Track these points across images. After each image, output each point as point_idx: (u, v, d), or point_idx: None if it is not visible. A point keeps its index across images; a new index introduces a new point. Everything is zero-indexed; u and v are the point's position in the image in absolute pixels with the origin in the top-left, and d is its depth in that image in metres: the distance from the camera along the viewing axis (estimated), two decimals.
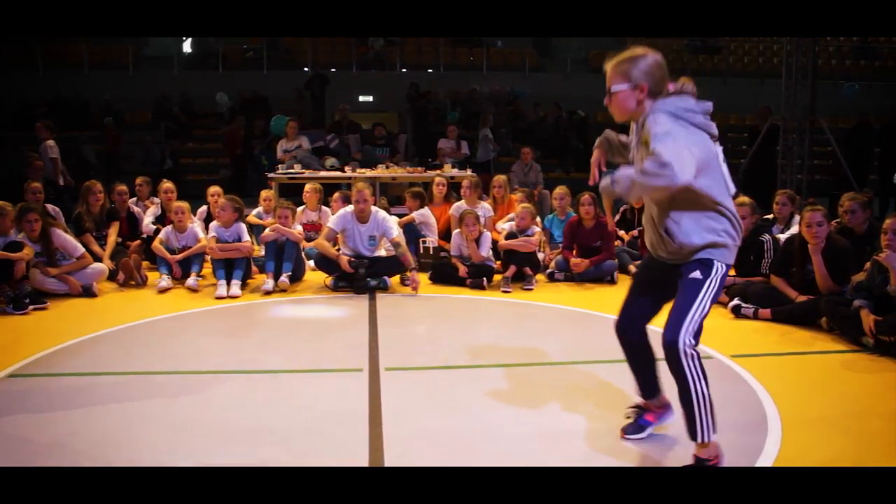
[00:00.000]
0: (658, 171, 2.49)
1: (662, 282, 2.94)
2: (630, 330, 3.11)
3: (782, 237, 6.02)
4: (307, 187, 7.91)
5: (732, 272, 5.77)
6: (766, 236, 5.71)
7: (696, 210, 2.78)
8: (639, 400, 3.29)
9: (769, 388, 3.82)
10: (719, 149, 2.80)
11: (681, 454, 3.02)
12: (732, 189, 2.83)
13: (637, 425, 3.27)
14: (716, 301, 2.81)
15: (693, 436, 2.82)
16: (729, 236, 2.80)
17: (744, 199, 5.82)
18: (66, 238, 6.18)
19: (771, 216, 7.00)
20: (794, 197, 7.22)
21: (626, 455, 3.08)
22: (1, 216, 5.83)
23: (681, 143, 2.55)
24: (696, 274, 2.79)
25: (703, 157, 2.66)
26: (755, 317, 5.27)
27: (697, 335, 2.78)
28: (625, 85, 2.78)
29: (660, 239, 2.88)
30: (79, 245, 6.25)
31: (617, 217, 8.21)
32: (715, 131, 2.79)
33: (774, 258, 5.59)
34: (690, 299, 2.76)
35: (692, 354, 2.72)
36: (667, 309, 2.88)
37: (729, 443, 2.94)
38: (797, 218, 6.16)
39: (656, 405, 3.25)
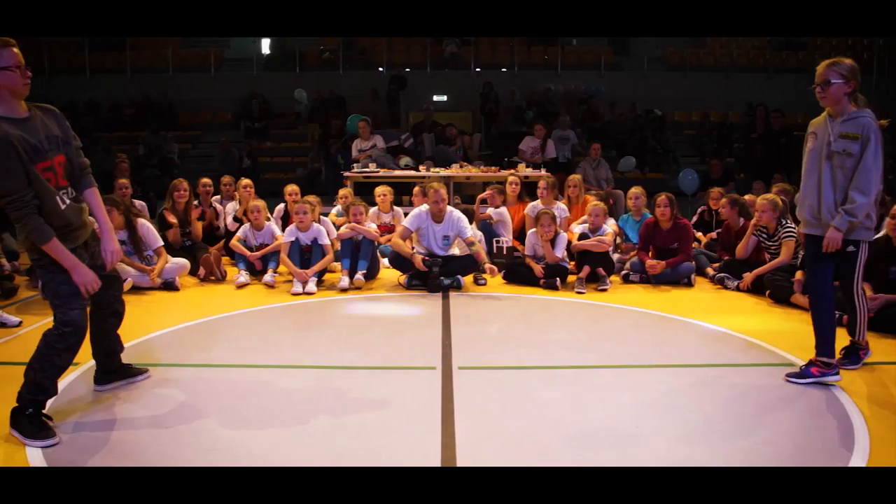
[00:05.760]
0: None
1: None
2: None
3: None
4: (378, 190, 7.93)
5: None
6: None
7: None
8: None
9: (853, 396, 3.68)
10: None
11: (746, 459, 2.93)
12: None
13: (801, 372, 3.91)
14: None
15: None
16: None
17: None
18: (149, 228, 6.42)
19: None
20: (884, 198, 6.90)
21: (707, 458, 3.00)
22: None
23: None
24: None
25: None
26: (839, 323, 5.02)
27: None
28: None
29: None
30: (159, 238, 6.48)
31: (695, 218, 8.03)
32: None
33: None
34: None
35: None
36: None
37: (816, 449, 2.84)
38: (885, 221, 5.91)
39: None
